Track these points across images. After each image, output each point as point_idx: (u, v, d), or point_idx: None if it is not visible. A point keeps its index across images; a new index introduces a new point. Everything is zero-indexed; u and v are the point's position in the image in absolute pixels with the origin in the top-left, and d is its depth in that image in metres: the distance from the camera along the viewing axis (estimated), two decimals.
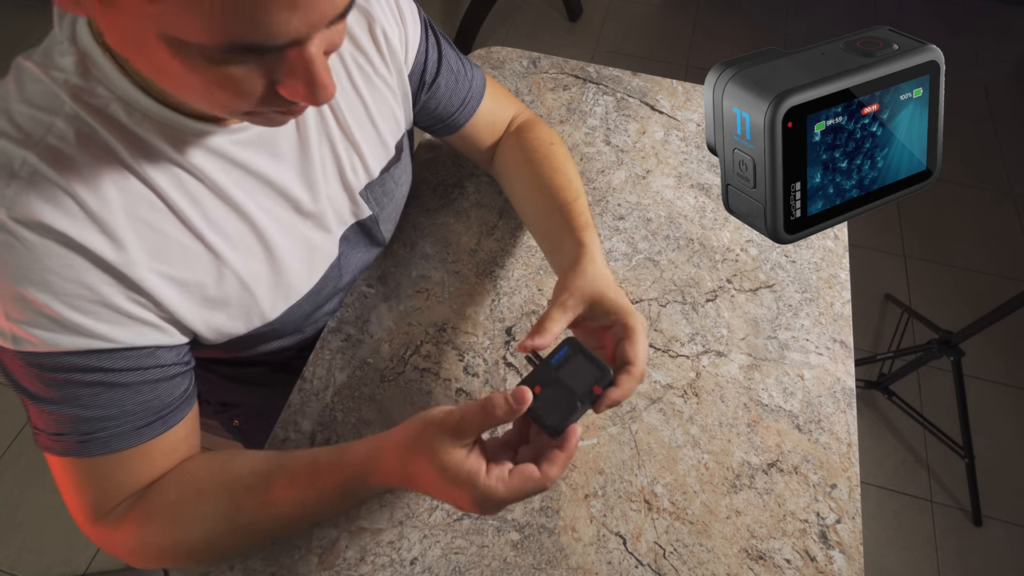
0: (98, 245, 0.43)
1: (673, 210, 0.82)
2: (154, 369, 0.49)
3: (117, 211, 0.44)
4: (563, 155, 0.72)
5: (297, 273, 0.58)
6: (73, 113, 0.42)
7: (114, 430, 0.48)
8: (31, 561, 1.33)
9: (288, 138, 0.53)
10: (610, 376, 0.49)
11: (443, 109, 0.69)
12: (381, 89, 0.61)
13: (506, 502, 0.45)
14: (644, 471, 0.63)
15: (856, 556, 0.58)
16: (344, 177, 0.59)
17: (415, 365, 0.69)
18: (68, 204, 0.42)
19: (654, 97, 0.94)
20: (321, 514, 0.54)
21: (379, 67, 0.60)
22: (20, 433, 1.47)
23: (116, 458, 0.49)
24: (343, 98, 0.57)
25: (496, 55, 0.99)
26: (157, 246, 0.46)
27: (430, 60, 0.66)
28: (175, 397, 0.51)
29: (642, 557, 0.58)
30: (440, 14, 2.42)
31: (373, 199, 0.64)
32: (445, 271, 0.76)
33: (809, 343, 0.71)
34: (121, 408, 0.47)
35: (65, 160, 0.42)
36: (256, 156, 0.51)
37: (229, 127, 0.48)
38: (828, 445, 0.64)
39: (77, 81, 0.43)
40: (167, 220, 0.47)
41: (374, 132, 0.61)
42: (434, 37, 0.67)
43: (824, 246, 0.79)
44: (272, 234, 0.54)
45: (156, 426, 0.50)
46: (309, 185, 0.56)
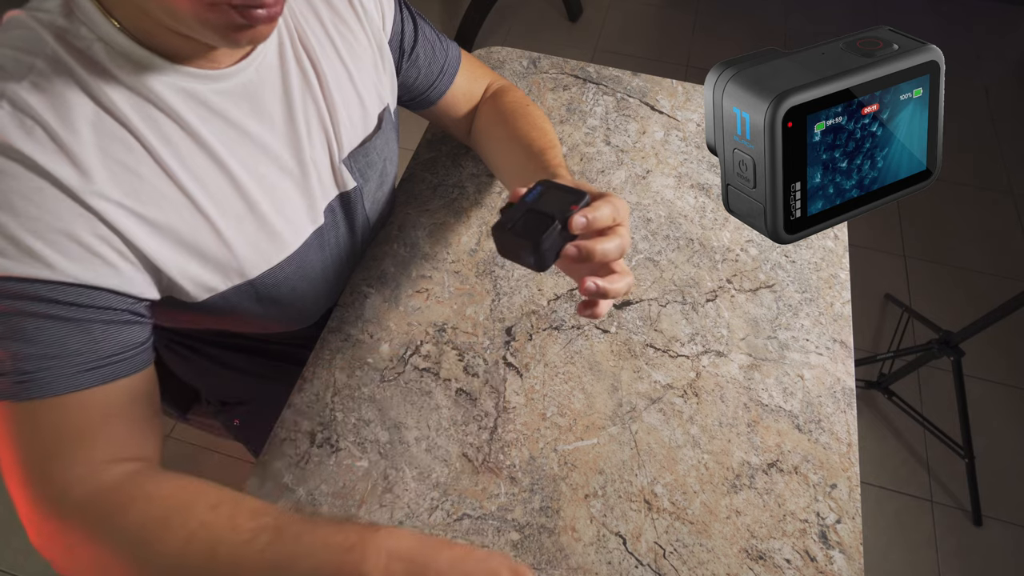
0: (67, 175, 0.44)
1: (673, 210, 0.82)
2: (105, 310, 0.47)
3: (89, 147, 0.45)
4: (538, 113, 0.74)
5: (278, 232, 0.57)
6: (53, 54, 0.44)
7: (56, 370, 0.45)
8: (31, 561, 1.33)
9: (274, 95, 0.55)
10: (586, 198, 0.47)
11: (423, 79, 0.71)
12: (363, 57, 0.62)
13: None
14: (644, 471, 0.63)
15: (856, 556, 0.58)
16: (329, 142, 0.60)
17: (415, 365, 0.69)
18: (39, 134, 0.43)
19: (654, 97, 0.94)
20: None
21: (359, 35, 0.61)
22: None
23: (53, 403, 0.45)
24: (327, 64, 0.58)
25: (496, 55, 0.99)
26: (130, 185, 0.47)
27: (407, 30, 0.68)
28: (126, 346, 0.49)
29: (642, 557, 0.58)
30: (440, 14, 2.42)
31: (357, 170, 0.64)
32: (445, 271, 0.76)
33: (809, 343, 0.71)
34: (63, 347, 0.45)
35: (42, 96, 0.43)
36: (238, 109, 0.52)
37: (211, 74, 0.49)
38: (828, 445, 0.64)
39: (61, 22, 0.44)
40: (142, 161, 0.47)
41: (356, 100, 0.62)
42: (407, 8, 0.69)
43: (824, 246, 0.79)
44: (252, 189, 0.54)
45: (100, 372, 0.47)
46: (294, 145, 0.57)
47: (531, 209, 0.46)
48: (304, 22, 0.57)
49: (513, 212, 0.46)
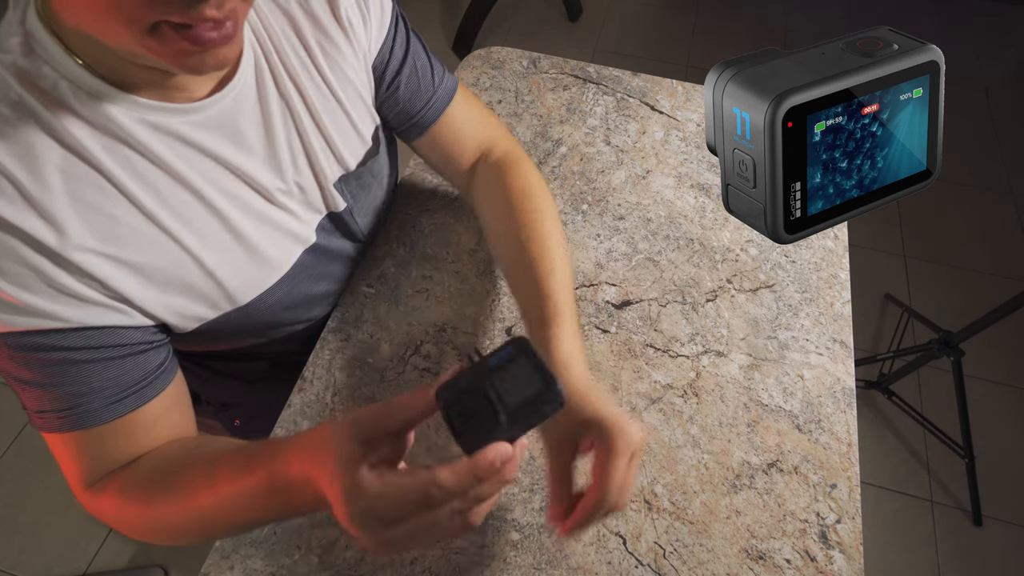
0: (38, 230, 0.43)
1: (673, 210, 0.82)
2: (117, 348, 0.49)
3: (61, 196, 0.44)
4: (547, 209, 0.64)
5: (267, 257, 0.57)
6: (18, 98, 0.42)
7: (87, 406, 0.48)
8: (31, 561, 1.33)
9: (252, 122, 0.53)
10: (558, 398, 0.37)
11: (401, 111, 0.66)
12: (349, 75, 0.59)
13: (383, 508, 0.36)
14: (644, 471, 0.63)
15: (856, 556, 0.58)
16: (315, 166, 0.58)
17: (415, 365, 0.69)
18: (6, 188, 0.42)
19: (654, 97, 0.94)
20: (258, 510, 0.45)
21: (345, 51, 0.58)
22: (20, 433, 1.47)
23: (94, 433, 0.49)
24: (311, 87, 0.56)
25: (496, 55, 0.99)
26: (106, 229, 0.46)
27: (394, 57, 0.63)
28: (147, 372, 0.51)
29: (642, 557, 0.58)
30: (440, 14, 2.42)
31: (348, 192, 0.63)
32: (445, 271, 0.76)
33: (809, 343, 0.71)
34: (89, 385, 0.48)
35: (7, 145, 0.42)
36: (214, 140, 0.50)
37: (183, 107, 0.48)
38: (828, 445, 0.64)
39: (23, 63, 0.43)
40: (117, 202, 0.46)
41: (346, 121, 0.60)
42: (404, 32, 0.64)
43: (824, 246, 0.79)
44: (235, 217, 0.53)
45: (129, 401, 0.50)
46: (276, 171, 0.55)
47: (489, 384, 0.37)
48: (284, 41, 0.54)
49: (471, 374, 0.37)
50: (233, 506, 0.45)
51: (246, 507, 0.45)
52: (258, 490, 0.43)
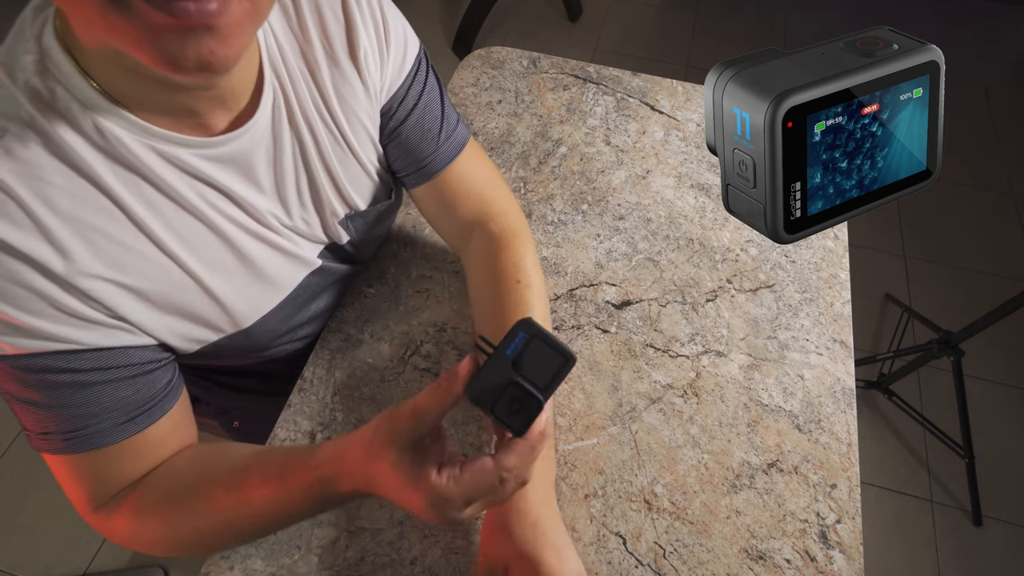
0: (47, 257, 0.42)
1: (673, 210, 0.82)
2: (126, 368, 0.48)
3: (66, 219, 0.43)
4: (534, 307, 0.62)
5: (272, 279, 0.57)
6: (28, 118, 0.41)
7: (96, 427, 0.48)
8: (31, 561, 1.33)
9: (264, 162, 0.52)
10: (572, 359, 0.42)
11: (405, 158, 0.63)
12: (362, 118, 0.58)
13: (462, 502, 0.41)
14: (644, 471, 0.63)
15: (856, 556, 0.58)
16: (322, 206, 0.58)
17: (415, 365, 0.69)
18: (13, 210, 0.41)
19: (654, 97, 0.94)
20: (296, 515, 0.50)
21: (359, 93, 0.56)
22: (20, 433, 1.47)
23: (102, 454, 0.49)
24: (324, 131, 0.55)
25: (496, 55, 0.99)
26: (112, 255, 0.45)
27: (403, 107, 0.60)
28: (156, 391, 0.51)
29: (642, 557, 0.58)
30: (440, 14, 2.42)
31: (354, 227, 0.63)
32: (445, 271, 0.76)
33: (809, 343, 0.71)
34: (99, 406, 0.47)
35: (14, 165, 0.41)
36: (225, 175, 0.50)
37: (199, 141, 0.47)
38: (828, 445, 0.64)
39: (36, 82, 0.41)
40: (124, 228, 0.46)
41: (357, 165, 0.59)
42: (423, 81, 0.62)
43: (824, 246, 0.79)
44: (243, 243, 0.53)
45: (139, 421, 0.50)
46: (283, 207, 0.55)
47: (514, 382, 0.41)
48: (302, 83, 0.53)
49: (492, 373, 0.41)
50: (271, 511, 0.48)
51: (284, 509, 0.48)
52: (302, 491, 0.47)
